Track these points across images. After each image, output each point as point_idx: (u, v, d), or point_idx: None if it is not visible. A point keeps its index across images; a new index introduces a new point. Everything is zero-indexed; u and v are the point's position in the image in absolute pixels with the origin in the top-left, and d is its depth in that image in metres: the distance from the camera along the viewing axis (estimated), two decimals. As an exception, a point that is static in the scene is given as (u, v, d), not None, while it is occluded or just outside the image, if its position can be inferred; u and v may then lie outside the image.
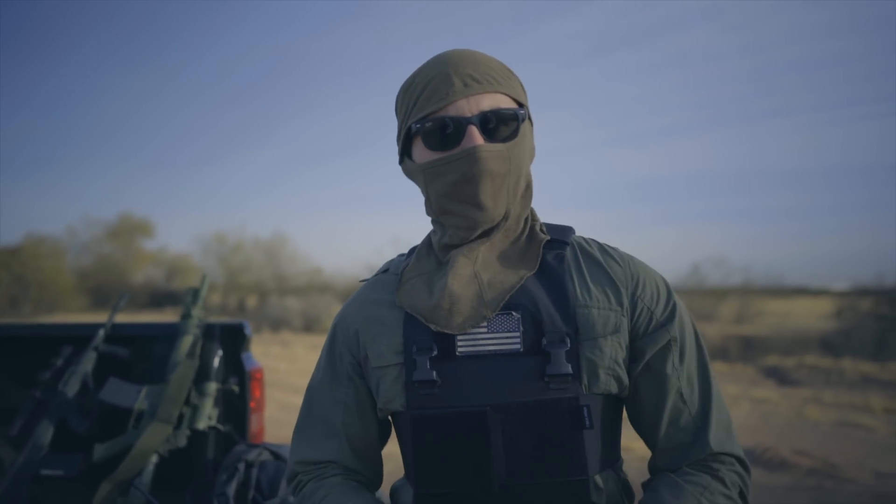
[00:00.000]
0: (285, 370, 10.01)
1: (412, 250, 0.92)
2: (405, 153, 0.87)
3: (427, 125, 0.81)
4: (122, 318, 2.22)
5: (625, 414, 0.87)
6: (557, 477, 0.76)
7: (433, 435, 0.78)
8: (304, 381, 0.96)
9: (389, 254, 0.97)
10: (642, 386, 0.82)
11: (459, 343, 0.80)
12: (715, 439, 0.80)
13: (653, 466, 0.85)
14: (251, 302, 25.98)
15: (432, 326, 0.80)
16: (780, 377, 10.42)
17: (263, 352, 12.80)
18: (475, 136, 0.79)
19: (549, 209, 0.93)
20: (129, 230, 28.66)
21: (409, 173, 0.88)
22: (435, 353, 0.79)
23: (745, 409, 7.44)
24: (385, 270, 0.92)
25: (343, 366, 0.89)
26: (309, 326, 19.05)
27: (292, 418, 0.94)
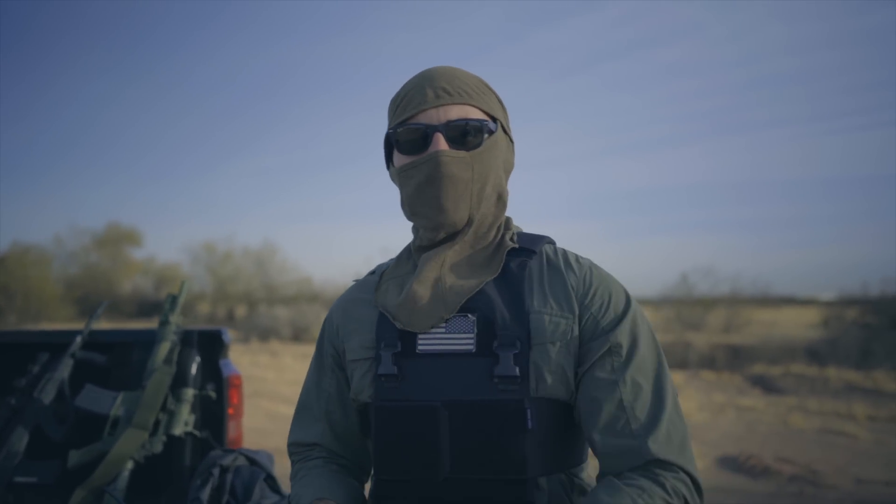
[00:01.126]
0: (273, 379, 9.95)
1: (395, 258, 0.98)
2: (389, 159, 0.94)
3: (399, 131, 0.87)
4: (107, 326, 2.23)
5: None
6: (497, 475, 0.79)
7: (392, 425, 0.83)
8: (292, 391, 1.05)
9: (378, 263, 1.04)
10: (582, 391, 0.82)
11: (420, 341, 0.84)
12: (657, 447, 0.77)
13: (599, 474, 0.85)
14: (240, 311, 25.83)
15: (397, 324, 0.86)
16: (766, 385, 10.49)
17: (252, 361, 12.71)
18: (440, 142, 0.85)
19: (542, 218, 0.97)
20: (116, 239, 28.48)
21: (392, 178, 0.95)
22: (398, 349, 0.85)
23: (730, 417, 7.49)
24: (373, 272, 0.99)
25: (327, 358, 0.97)
26: (298, 336, 18.96)
27: (280, 427, 1.02)
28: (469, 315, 0.84)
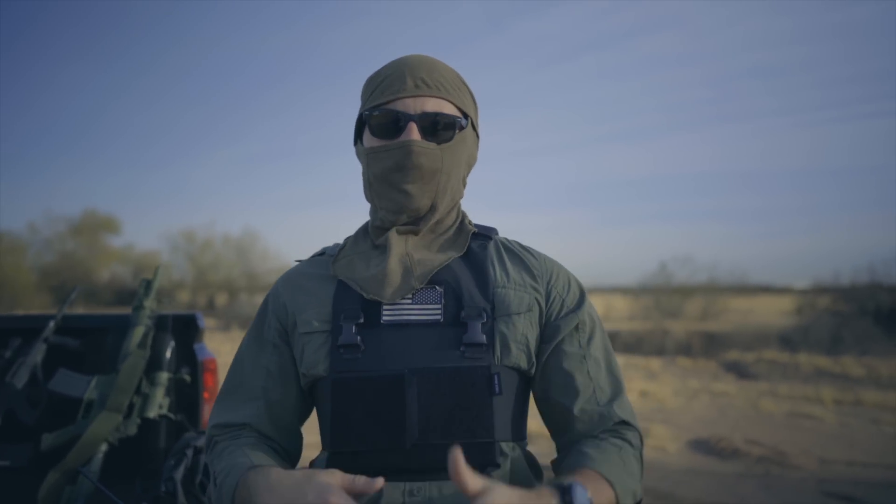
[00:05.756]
0: (253, 367, 9.92)
1: (347, 239, 0.99)
2: (358, 137, 0.96)
3: (375, 114, 0.90)
4: (83, 313, 2.22)
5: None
6: (466, 438, 0.81)
7: (352, 397, 0.83)
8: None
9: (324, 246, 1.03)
10: (553, 364, 0.89)
11: (385, 312, 0.86)
12: (621, 411, 0.88)
13: (563, 441, 0.90)
14: (220, 300, 25.63)
15: (365, 294, 0.87)
16: (739, 371, 10.75)
17: (233, 349, 12.59)
18: (414, 131, 0.88)
19: (525, 208, 1.00)
20: (93, 227, 27.96)
21: (358, 155, 0.97)
22: (361, 320, 0.86)
23: (703, 402, 7.67)
24: (321, 253, 0.99)
25: (270, 332, 0.94)
26: (279, 324, 18.81)
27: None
28: (437, 287, 0.87)
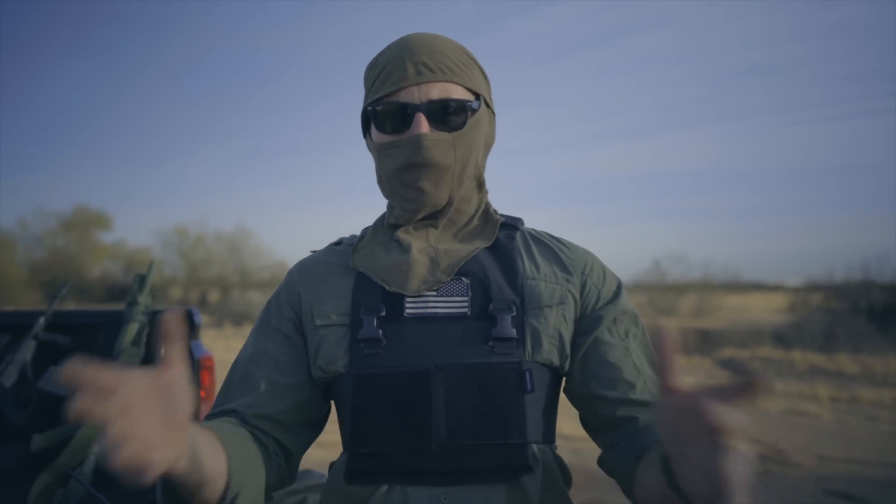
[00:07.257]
0: (247, 364, 9.83)
1: (365, 230, 0.93)
2: (367, 130, 0.89)
3: (378, 108, 0.83)
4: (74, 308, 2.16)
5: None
6: (496, 438, 0.75)
7: (373, 394, 0.77)
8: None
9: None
10: (596, 356, 0.83)
11: (408, 305, 0.80)
12: None
13: (613, 437, 0.83)
14: (213, 296, 25.50)
15: (387, 287, 0.81)
16: (734, 369, 10.76)
17: (225, 346, 12.54)
18: (422, 123, 0.81)
19: (515, 205, 0.95)
20: (84, 223, 27.69)
21: (368, 149, 0.90)
22: (383, 313, 0.80)
23: (700, 400, 7.67)
24: (338, 243, 0.93)
25: (283, 322, 0.86)
26: (273, 321, 18.76)
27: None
28: (463, 279, 0.82)
